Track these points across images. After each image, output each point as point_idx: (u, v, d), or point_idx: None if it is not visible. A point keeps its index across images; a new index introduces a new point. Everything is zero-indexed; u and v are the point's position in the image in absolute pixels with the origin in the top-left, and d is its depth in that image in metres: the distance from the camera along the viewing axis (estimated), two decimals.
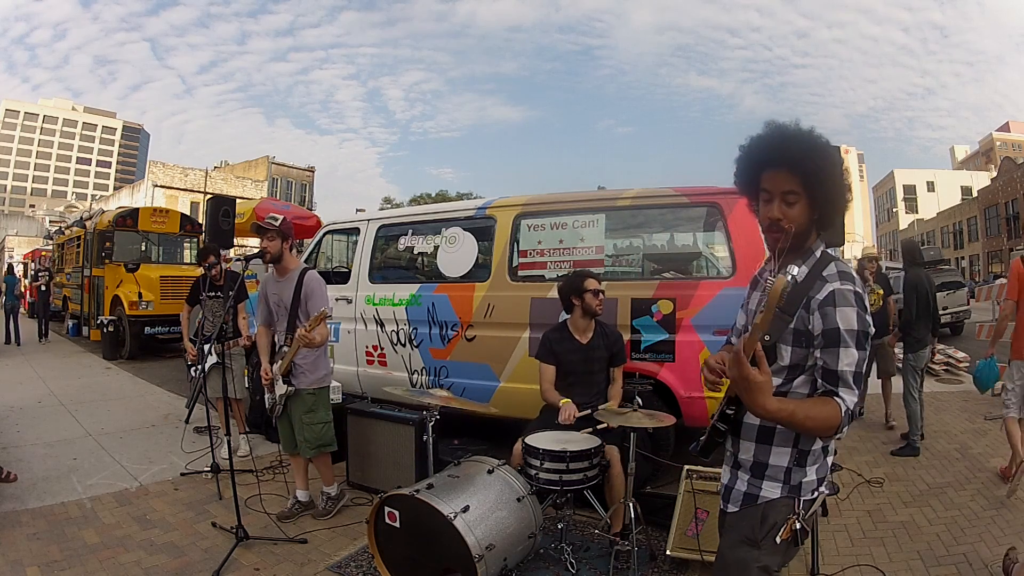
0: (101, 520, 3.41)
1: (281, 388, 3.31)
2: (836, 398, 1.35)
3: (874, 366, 5.61)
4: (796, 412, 1.31)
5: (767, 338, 1.37)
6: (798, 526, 1.44)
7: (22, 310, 18.99)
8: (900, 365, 5.52)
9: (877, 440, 5.08)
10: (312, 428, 3.34)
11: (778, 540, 1.44)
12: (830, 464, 1.53)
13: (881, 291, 5.72)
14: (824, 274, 1.43)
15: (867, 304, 1.40)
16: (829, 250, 1.59)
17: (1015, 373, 3.99)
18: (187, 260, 11.67)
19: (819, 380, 1.40)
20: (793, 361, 1.44)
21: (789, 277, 1.22)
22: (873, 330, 1.39)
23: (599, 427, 2.94)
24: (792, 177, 1.42)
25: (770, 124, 1.48)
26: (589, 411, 3.07)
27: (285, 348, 3.31)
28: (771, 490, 1.48)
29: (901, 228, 51.68)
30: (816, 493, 1.48)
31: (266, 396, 3.45)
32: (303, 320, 3.24)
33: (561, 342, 3.34)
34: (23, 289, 19.70)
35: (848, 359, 1.35)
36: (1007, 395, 4.05)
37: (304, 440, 3.34)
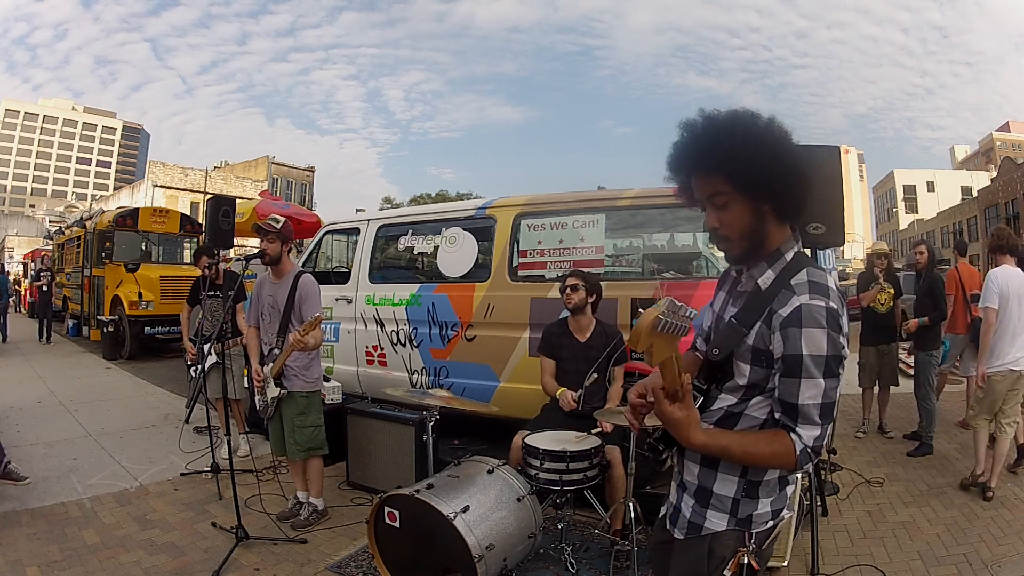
0: (101, 520, 3.41)
1: (273, 390, 3.30)
2: (792, 434, 1.17)
3: (876, 375, 5.19)
4: (730, 447, 1.18)
5: (716, 352, 1.26)
6: (745, 560, 1.26)
7: (23, 310, 19.10)
8: (903, 369, 5.49)
9: (877, 440, 5.08)
10: (303, 431, 3.33)
11: (727, 575, 1.27)
12: (790, 493, 1.34)
13: (892, 290, 5.13)
14: (792, 282, 1.21)
15: (843, 323, 1.18)
16: (829, 250, 1.51)
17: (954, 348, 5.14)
18: (187, 260, 11.66)
19: (777, 410, 1.21)
20: (752, 380, 1.25)
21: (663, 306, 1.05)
22: (847, 353, 1.20)
23: (594, 431, 2.94)
24: (712, 177, 1.22)
25: (681, 124, 1.26)
26: (588, 407, 3.08)
27: (276, 351, 3.30)
28: (716, 521, 1.29)
29: (901, 228, 51.66)
30: (770, 523, 1.29)
31: (256, 398, 3.43)
32: (295, 324, 3.24)
33: (559, 337, 3.37)
34: (23, 289, 19.75)
35: (811, 391, 1.15)
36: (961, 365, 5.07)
37: (294, 443, 3.33)
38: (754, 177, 1.19)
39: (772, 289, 1.23)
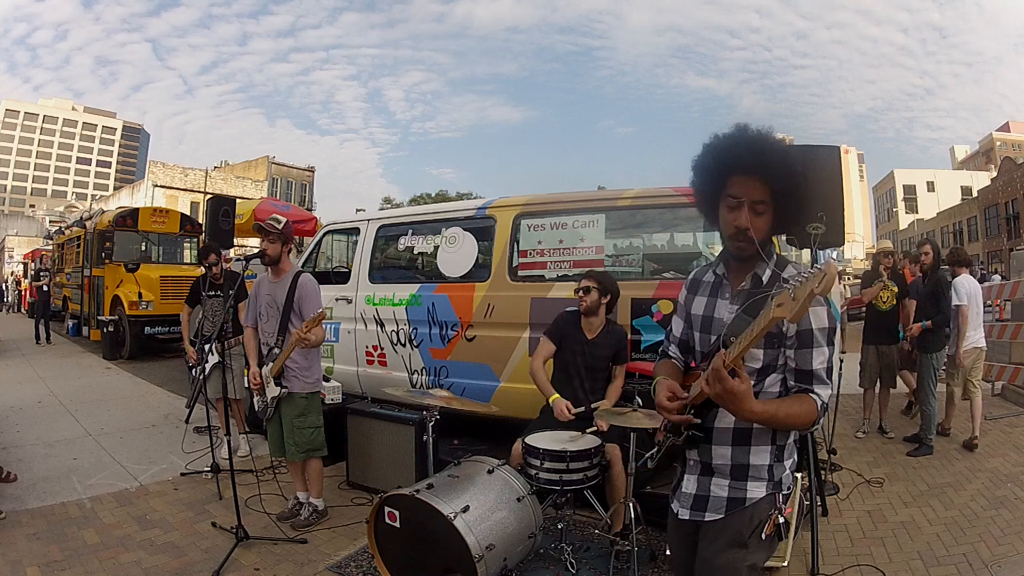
0: (101, 520, 3.41)
1: (273, 390, 3.29)
2: (812, 394, 1.40)
3: (876, 376, 5.18)
4: (778, 412, 1.35)
5: (732, 339, 1.35)
6: (781, 520, 1.46)
7: (23, 310, 19.12)
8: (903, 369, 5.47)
9: (877, 440, 5.08)
10: (303, 432, 3.32)
11: (763, 536, 1.45)
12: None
13: (896, 288, 5.11)
14: (785, 276, 1.38)
15: (831, 301, 1.43)
16: (829, 250, 1.60)
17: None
18: (187, 260, 11.67)
19: (791, 379, 1.43)
20: (765, 362, 1.45)
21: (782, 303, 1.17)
22: (838, 324, 1.38)
23: (590, 430, 2.94)
24: (764, 188, 1.39)
25: (742, 127, 1.43)
26: (583, 408, 3.08)
27: (276, 351, 3.30)
28: (757, 490, 1.47)
29: (901, 228, 51.65)
30: (790, 484, 1.51)
31: (255, 400, 3.42)
32: (295, 323, 3.24)
33: (569, 327, 3.37)
34: (23, 289, 19.77)
35: (821, 357, 1.40)
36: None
37: (294, 444, 3.32)
38: (792, 203, 1.42)
39: (770, 283, 1.43)
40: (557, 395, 3.19)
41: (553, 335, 3.39)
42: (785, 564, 2.65)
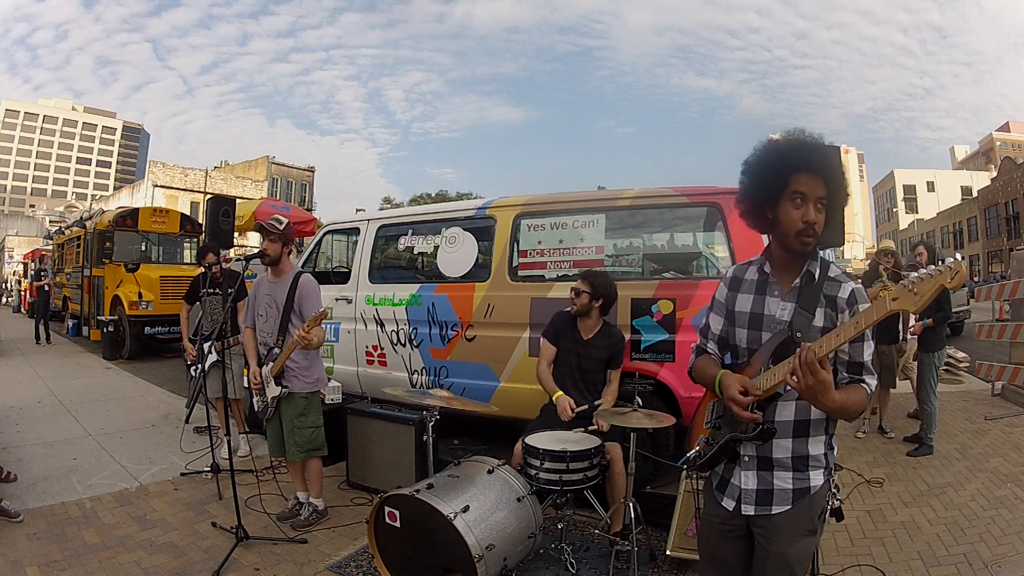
0: (101, 520, 3.41)
1: (274, 390, 3.29)
2: (863, 383, 1.50)
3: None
4: (846, 401, 1.43)
5: (799, 335, 1.48)
6: (837, 503, 1.62)
7: (23, 310, 19.11)
8: (905, 370, 5.46)
9: (877, 440, 5.08)
10: (303, 432, 3.32)
11: (824, 520, 1.59)
12: None
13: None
14: (831, 274, 1.55)
15: None
16: (828, 251, 1.64)
17: None
18: (187, 260, 11.67)
19: (842, 371, 1.52)
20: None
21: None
22: None
23: (589, 428, 2.94)
24: (824, 185, 1.50)
25: (799, 131, 1.55)
26: (586, 406, 3.08)
27: (276, 351, 3.30)
28: (818, 478, 1.56)
29: (901, 228, 51.65)
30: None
31: (255, 400, 3.42)
32: (295, 323, 3.24)
33: (564, 327, 3.38)
34: (24, 289, 19.78)
35: (869, 350, 1.51)
36: None
37: (294, 444, 3.32)
38: (839, 200, 1.53)
39: (819, 280, 1.54)
40: (561, 392, 3.19)
41: (550, 336, 3.40)
42: None
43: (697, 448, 1.66)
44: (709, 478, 1.70)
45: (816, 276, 1.54)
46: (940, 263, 1.22)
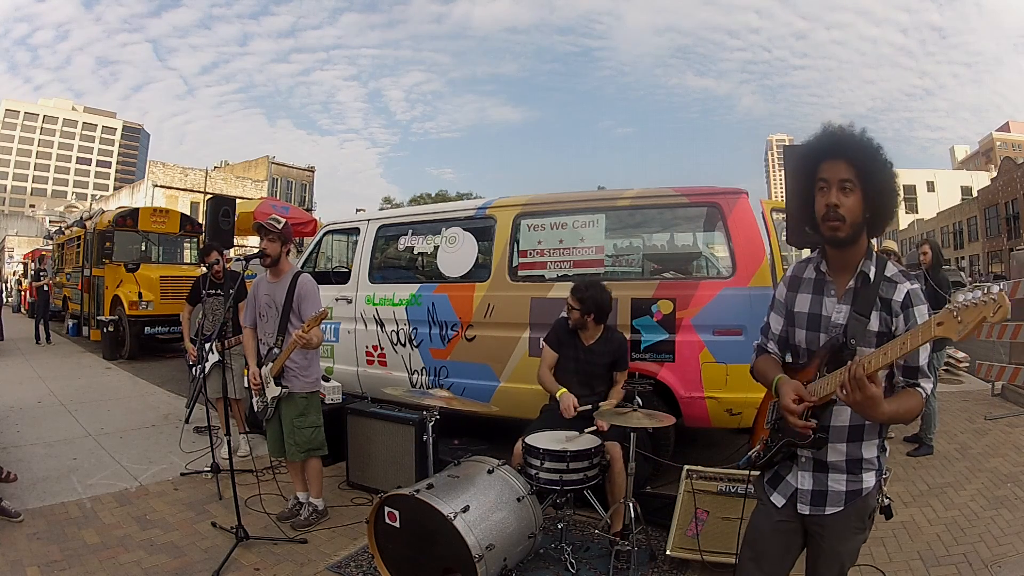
0: (101, 520, 3.41)
1: (274, 390, 3.29)
2: (918, 388, 1.46)
3: None
4: (899, 409, 1.41)
5: (852, 342, 1.46)
6: (887, 501, 1.61)
7: (23, 310, 19.11)
8: None
9: None
10: (303, 432, 3.32)
11: (873, 518, 1.61)
12: None
13: None
14: (887, 275, 1.51)
15: None
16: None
17: None
18: (187, 260, 11.67)
19: (898, 375, 1.49)
20: None
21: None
22: None
23: (589, 429, 2.94)
24: (849, 167, 1.48)
25: (828, 125, 1.55)
26: (589, 406, 3.07)
27: (276, 351, 3.30)
28: (870, 479, 1.57)
29: (901, 228, 51.64)
30: (889, 470, 1.66)
31: (254, 400, 3.42)
32: (294, 323, 3.24)
33: (565, 333, 3.36)
34: (24, 288, 19.78)
35: (925, 353, 1.46)
36: None
37: (294, 444, 3.32)
38: (876, 181, 1.48)
39: (875, 281, 1.50)
40: (564, 390, 3.17)
41: (552, 342, 3.39)
42: None
43: (757, 448, 1.69)
44: (761, 472, 1.73)
45: (872, 276, 1.51)
46: (986, 292, 1.16)
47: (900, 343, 1.29)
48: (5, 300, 21.89)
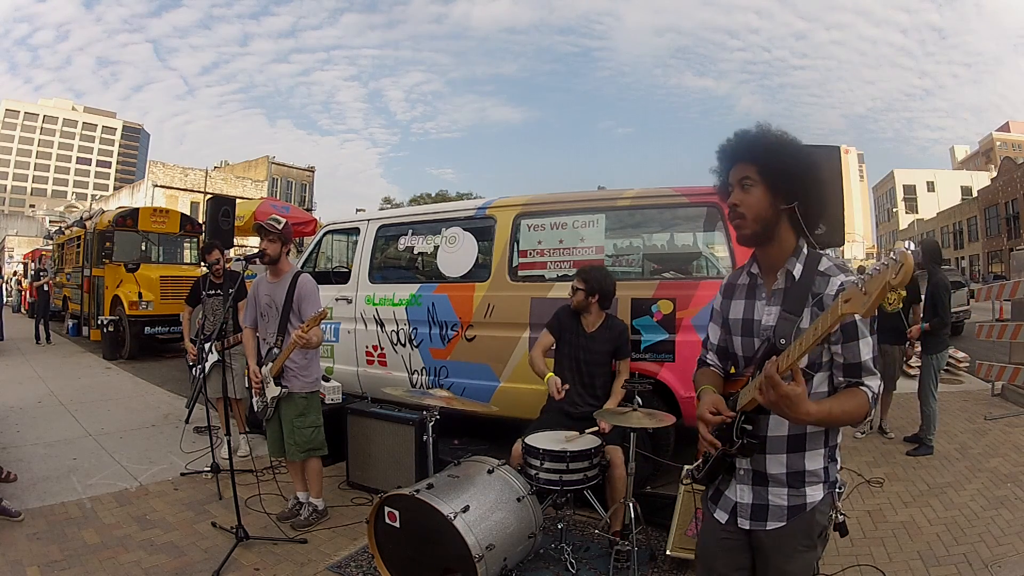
0: (101, 520, 3.41)
1: (273, 390, 3.29)
2: (862, 387, 1.38)
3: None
4: (832, 411, 1.33)
5: (783, 342, 1.36)
6: (841, 518, 1.49)
7: (23, 310, 19.11)
8: (906, 371, 5.46)
9: (877, 440, 5.08)
10: (303, 432, 3.32)
11: (827, 535, 1.50)
12: None
13: (904, 292, 5.09)
14: (821, 269, 1.43)
15: None
16: (829, 251, 1.59)
17: None
18: (187, 260, 11.67)
19: (839, 375, 1.41)
20: (811, 359, 1.42)
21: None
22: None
23: (589, 430, 2.94)
24: (747, 166, 1.46)
25: (737, 131, 1.52)
26: (589, 407, 3.08)
27: (276, 350, 3.30)
28: (816, 494, 1.46)
29: (901, 228, 51.68)
30: (844, 484, 1.51)
31: (254, 400, 3.42)
32: (294, 323, 3.24)
33: (568, 320, 3.38)
34: (24, 288, 19.77)
35: (867, 348, 1.38)
36: None
37: (294, 444, 3.32)
38: (783, 174, 1.42)
39: (805, 278, 1.43)
40: (551, 373, 3.21)
41: (553, 328, 3.42)
42: None
43: (698, 461, 1.64)
44: (707, 487, 1.67)
45: (798, 274, 1.44)
46: (888, 256, 1.09)
47: (812, 330, 1.21)
48: (5, 300, 21.90)
